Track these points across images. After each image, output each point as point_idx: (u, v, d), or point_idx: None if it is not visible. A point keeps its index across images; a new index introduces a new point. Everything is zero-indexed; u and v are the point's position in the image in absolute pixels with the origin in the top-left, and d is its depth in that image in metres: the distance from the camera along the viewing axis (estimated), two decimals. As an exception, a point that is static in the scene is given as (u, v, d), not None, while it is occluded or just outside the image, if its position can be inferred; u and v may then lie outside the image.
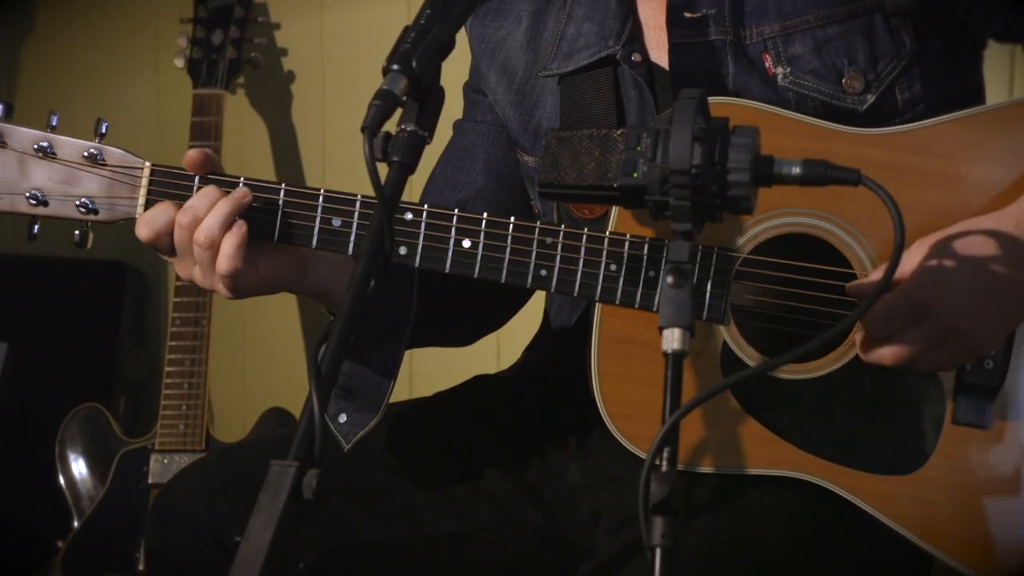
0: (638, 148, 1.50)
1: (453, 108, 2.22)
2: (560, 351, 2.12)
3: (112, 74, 3.66)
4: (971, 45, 2.01)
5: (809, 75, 1.93)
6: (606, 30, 2.02)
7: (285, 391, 3.45)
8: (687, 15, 1.96)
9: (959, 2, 1.93)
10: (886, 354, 1.78)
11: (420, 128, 1.59)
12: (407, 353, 2.03)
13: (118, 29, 3.64)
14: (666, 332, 1.44)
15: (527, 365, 2.25)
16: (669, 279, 1.45)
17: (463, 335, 2.28)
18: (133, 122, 3.58)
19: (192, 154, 1.89)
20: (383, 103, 1.55)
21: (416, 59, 1.58)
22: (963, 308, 1.75)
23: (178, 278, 3.17)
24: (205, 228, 1.84)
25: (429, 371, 3.19)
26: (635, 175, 1.50)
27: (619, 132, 1.53)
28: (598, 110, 2.01)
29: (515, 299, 2.25)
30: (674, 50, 1.96)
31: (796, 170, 1.49)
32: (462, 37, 2.11)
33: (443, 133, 2.17)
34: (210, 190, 1.87)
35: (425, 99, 1.60)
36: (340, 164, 3.47)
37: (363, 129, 1.53)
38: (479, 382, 2.24)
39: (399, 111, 1.60)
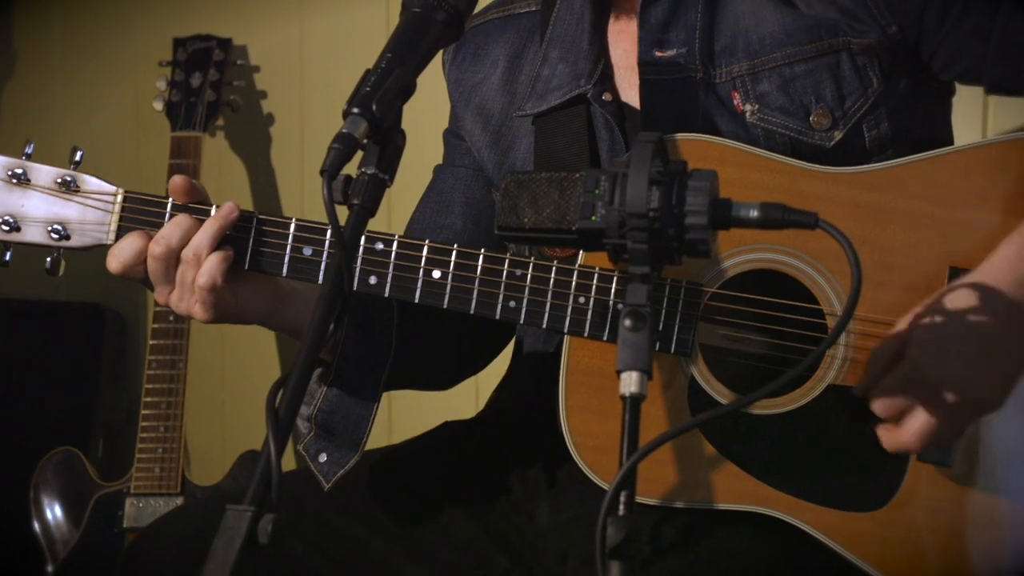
0: (596, 191, 1.50)
1: (433, 153, 2.24)
2: (529, 388, 2.13)
3: (92, 117, 3.67)
4: (938, 86, 2.03)
5: (777, 112, 1.95)
6: (578, 70, 2.05)
7: (263, 434, 3.42)
8: (658, 54, 1.98)
9: (923, 43, 1.95)
10: (908, 439, 1.79)
11: (380, 171, 1.60)
12: (386, 398, 2.03)
13: (98, 72, 3.65)
14: (624, 375, 1.44)
15: (496, 405, 2.25)
16: (627, 322, 1.45)
17: (443, 378, 2.28)
18: (113, 165, 3.57)
19: (178, 180, 1.91)
20: (342, 147, 1.56)
21: (376, 103, 1.59)
22: (962, 369, 1.75)
23: (155, 320, 3.20)
24: (194, 246, 1.85)
25: (409, 416, 3.19)
26: (593, 218, 1.50)
27: (577, 175, 1.53)
28: (570, 149, 2.03)
29: (494, 342, 2.26)
30: (645, 87, 1.99)
31: (754, 213, 1.49)
32: (439, 85, 2.14)
33: (427, 166, 2.19)
34: (182, 218, 1.88)
35: (386, 142, 1.61)
36: (319, 206, 3.42)
37: (322, 172, 1.55)
38: (448, 428, 2.23)
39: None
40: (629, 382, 1.44)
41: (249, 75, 3.48)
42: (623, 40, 2.06)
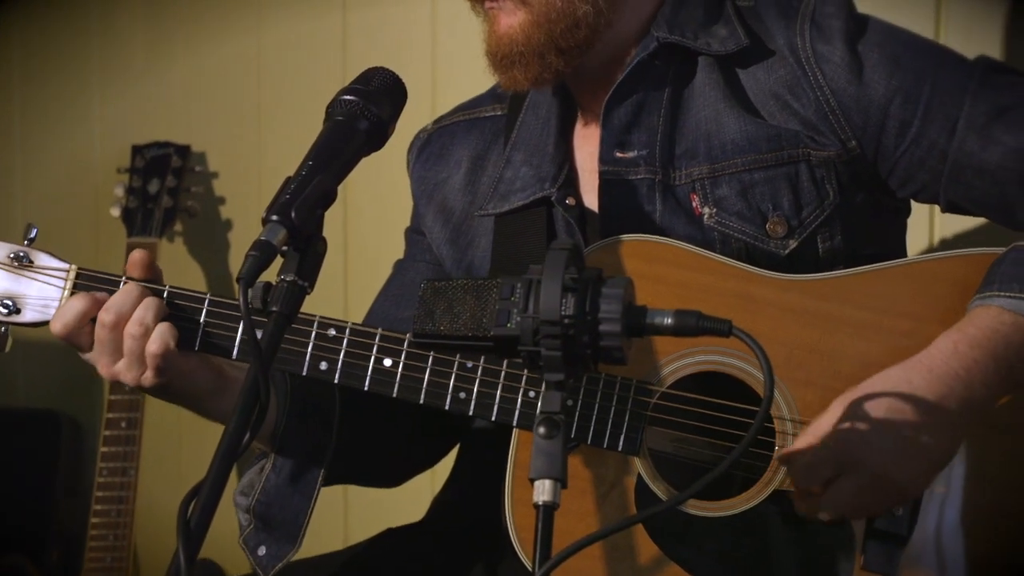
0: (512, 298, 1.51)
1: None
2: (473, 490, 2.13)
3: (51, 223, 3.66)
4: (894, 204, 2.06)
5: (734, 217, 1.97)
6: (542, 173, 2.08)
7: (214, 543, 3.39)
8: (618, 155, 2.01)
9: (881, 160, 1.98)
10: (821, 507, 1.79)
11: (300, 278, 1.60)
12: (342, 500, 2.01)
13: (58, 179, 3.66)
14: (537, 484, 1.44)
15: (440, 508, 2.24)
16: (541, 430, 1.45)
17: (390, 474, 2.27)
18: (72, 271, 3.59)
19: (138, 253, 1.95)
20: (259, 254, 1.56)
21: (295, 210, 1.60)
22: (885, 456, 1.76)
23: (106, 426, 3.17)
24: (138, 318, 1.87)
25: (363, 513, 3.16)
26: (509, 325, 1.50)
27: (494, 282, 1.54)
28: (530, 250, 2.06)
29: (444, 439, 2.25)
30: (604, 188, 2.02)
31: (668, 321, 1.50)
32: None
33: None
34: (132, 287, 1.90)
35: (306, 249, 1.61)
36: (277, 312, 3.46)
37: (238, 280, 1.54)
38: (391, 535, 2.22)
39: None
40: (542, 490, 1.43)
41: (208, 181, 3.49)
42: (588, 144, 2.09)
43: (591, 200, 2.06)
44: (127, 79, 3.54)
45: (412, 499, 2.50)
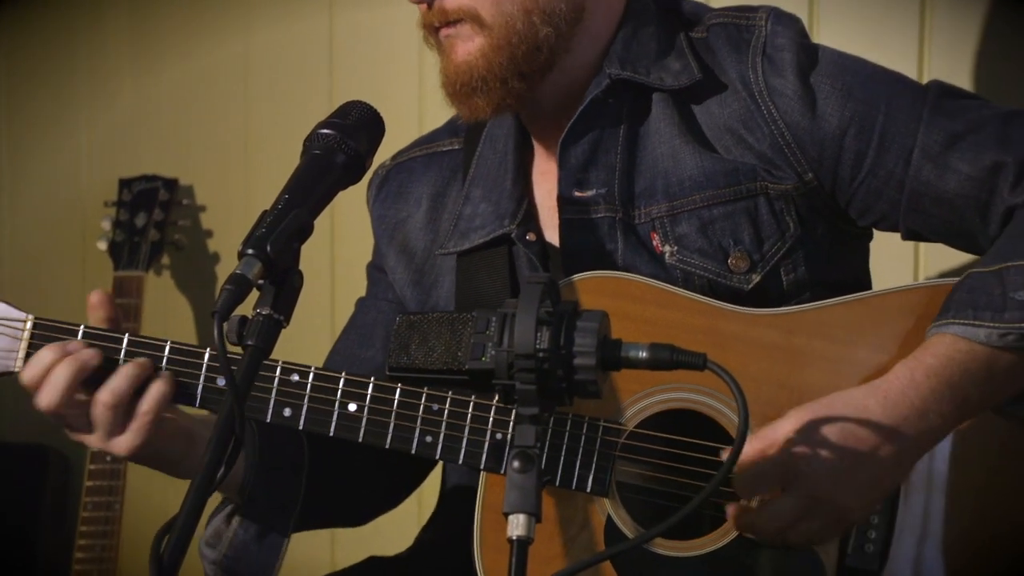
0: (487, 331, 1.50)
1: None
2: (454, 527, 2.10)
3: (38, 260, 3.67)
4: (856, 231, 2.05)
5: (696, 254, 1.96)
6: (501, 210, 2.05)
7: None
8: (577, 194, 1.99)
9: (839, 191, 1.97)
10: (757, 522, 1.78)
11: (276, 312, 1.59)
12: (328, 532, 2.00)
13: (44, 215, 3.66)
14: (511, 518, 1.43)
15: (422, 544, 2.22)
16: (515, 463, 1.44)
17: (357, 514, 2.25)
18: (59, 304, 3.58)
19: (94, 296, 1.93)
20: (235, 287, 1.56)
21: (271, 244, 1.59)
22: (831, 477, 1.75)
23: (92, 460, 3.16)
24: (118, 393, 1.85)
25: (349, 540, 3.14)
26: (483, 359, 1.50)
27: (469, 316, 1.53)
28: (493, 288, 2.04)
29: (411, 477, 2.23)
30: (565, 227, 2.00)
31: (643, 354, 1.49)
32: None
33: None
34: (130, 366, 1.88)
35: (282, 283, 1.60)
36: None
37: (213, 314, 1.54)
38: (373, 563, 2.20)
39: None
40: (516, 524, 1.43)
41: (195, 214, 3.50)
42: (546, 179, 2.07)
43: (551, 235, 2.04)
44: (115, 112, 3.55)
45: (399, 527, 2.49)
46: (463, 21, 1.93)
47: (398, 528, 2.49)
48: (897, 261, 2.76)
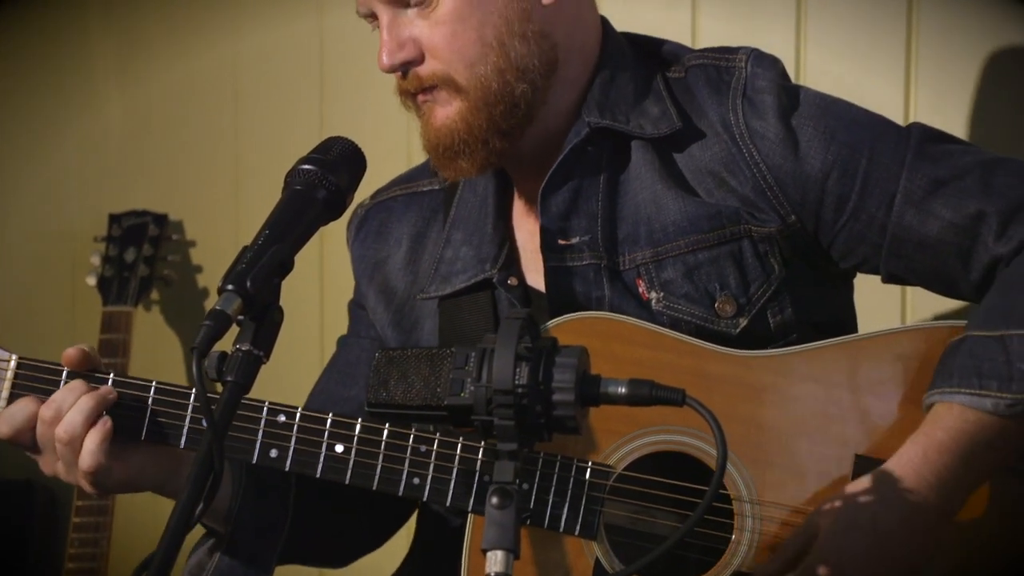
0: (466, 367, 1.50)
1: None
2: (433, 570, 2.09)
3: (28, 295, 3.67)
4: (839, 271, 2.05)
5: (682, 299, 1.96)
6: (483, 254, 2.05)
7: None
8: (561, 242, 1.99)
9: (821, 234, 1.98)
10: None
11: (256, 348, 1.59)
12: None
13: (34, 250, 3.66)
14: (490, 555, 1.43)
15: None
16: (494, 500, 1.44)
17: (339, 553, 2.24)
18: (49, 340, 3.57)
19: (70, 351, 1.91)
20: (214, 323, 1.55)
21: (251, 279, 1.59)
22: (865, 569, 1.77)
23: (78, 496, 3.15)
24: (67, 424, 1.85)
25: None
26: (462, 394, 1.50)
27: (448, 351, 1.53)
28: (476, 332, 2.03)
29: (395, 518, 2.22)
30: (550, 274, 1.99)
31: (622, 390, 1.49)
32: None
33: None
34: (76, 384, 1.88)
35: (262, 319, 1.60)
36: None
37: (192, 349, 1.54)
38: None
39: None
40: (495, 561, 1.42)
41: (185, 250, 3.50)
42: (527, 223, 2.07)
43: (533, 279, 2.04)
44: (105, 147, 3.55)
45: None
46: (439, 87, 1.94)
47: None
48: (886, 299, 2.76)
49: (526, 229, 2.07)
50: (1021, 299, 1.81)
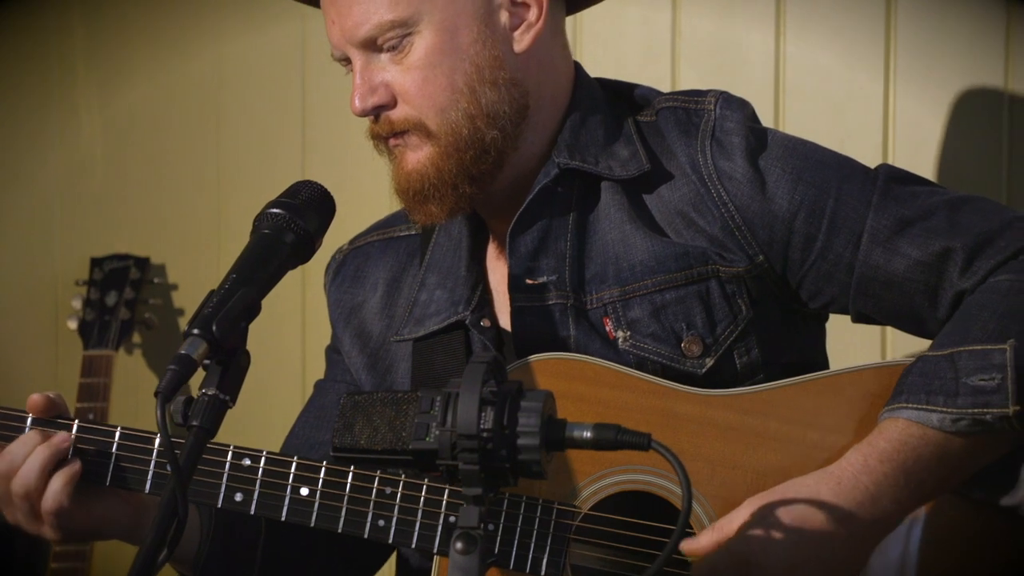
0: (431, 411, 1.50)
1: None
2: None
3: (9, 339, 3.66)
4: (808, 313, 2.05)
5: (649, 338, 1.96)
6: (456, 296, 2.06)
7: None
8: (528, 282, 2.00)
9: (789, 274, 1.98)
10: None
11: (221, 392, 1.59)
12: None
13: (16, 293, 3.65)
14: (453, 601, 1.41)
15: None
16: (458, 545, 1.43)
17: None
18: (30, 384, 3.55)
19: (35, 397, 1.91)
20: (179, 368, 1.56)
21: (217, 324, 1.59)
22: (786, 567, 1.74)
23: (57, 544, 3.12)
24: (21, 477, 1.85)
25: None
26: (427, 439, 1.49)
27: (414, 395, 1.53)
28: (449, 375, 2.02)
29: (369, 562, 2.21)
30: (516, 314, 2.00)
31: (587, 434, 1.49)
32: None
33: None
34: (30, 436, 1.89)
35: (228, 363, 1.60)
36: (234, 426, 3.44)
37: (156, 394, 1.54)
38: None
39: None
40: (458, 608, 1.41)
41: (166, 293, 3.49)
42: (500, 266, 2.08)
43: (506, 321, 2.04)
44: (87, 191, 3.55)
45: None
46: (410, 132, 1.95)
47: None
48: (865, 338, 2.76)
49: (499, 271, 2.07)
50: (975, 323, 1.82)
